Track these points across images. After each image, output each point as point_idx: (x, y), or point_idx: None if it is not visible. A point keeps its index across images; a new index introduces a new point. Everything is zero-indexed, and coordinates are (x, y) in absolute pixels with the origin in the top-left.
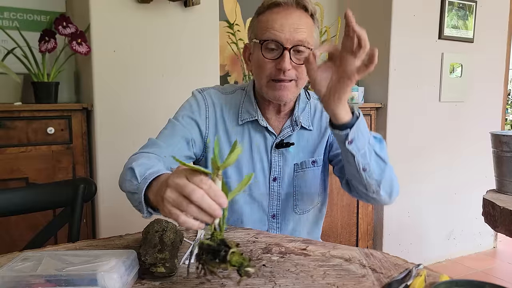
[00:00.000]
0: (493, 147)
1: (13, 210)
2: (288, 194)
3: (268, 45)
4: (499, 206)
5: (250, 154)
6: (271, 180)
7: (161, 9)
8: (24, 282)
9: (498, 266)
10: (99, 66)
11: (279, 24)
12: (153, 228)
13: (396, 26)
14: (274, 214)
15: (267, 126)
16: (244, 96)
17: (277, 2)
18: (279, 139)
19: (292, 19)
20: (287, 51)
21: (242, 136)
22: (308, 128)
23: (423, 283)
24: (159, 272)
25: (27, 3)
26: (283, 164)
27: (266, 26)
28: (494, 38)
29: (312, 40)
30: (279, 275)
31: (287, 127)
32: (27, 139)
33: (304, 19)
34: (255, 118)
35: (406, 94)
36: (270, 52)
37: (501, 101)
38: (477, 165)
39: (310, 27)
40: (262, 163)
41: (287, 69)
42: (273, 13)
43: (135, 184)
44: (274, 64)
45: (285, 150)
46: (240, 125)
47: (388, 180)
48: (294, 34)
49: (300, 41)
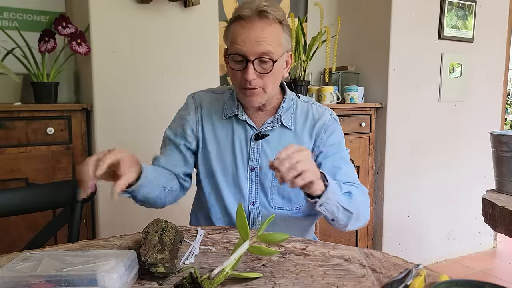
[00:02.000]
0: (492, 147)
1: (13, 210)
2: (266, 185)
3: (234, 58)
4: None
5: (232, 145)
6: (249, 169)
7: (161, 9)
8: (24, 282)
9: (497, 266)
10: (98, 66)
11: (242, 38)
12: (153, 228)
13: (396, 26)
14: (253, 202)
15: (246, 119)
16: (230, 95)
17: (240, 16)
18: (258, 131)
19: (254, 31)
20: (251, 63)
21: (227, 129)
22: (289, 128)
23: (422, 283)
24: (159, 272)
25: (27, 3)
26: (261, 156)
27: (232, 40)
28: (494, 38)
29: (277, 49)
30: (279, 275)
31: (268, 122)
32: (26, 139)
33: (267, 29)
34: (235, 113)
35: (405, 94)
36: (237, 63)
37: (500, 101)
38: (476, 165)
39: (276, 35)
40: (242, 153)
41: (251, 79)
42: (238, 26)
43: None
44: (241, 74)
45: (265, 144)
46: (224, 120)
47: (354, 221)
48: (256, 47)
49: (262, 53)
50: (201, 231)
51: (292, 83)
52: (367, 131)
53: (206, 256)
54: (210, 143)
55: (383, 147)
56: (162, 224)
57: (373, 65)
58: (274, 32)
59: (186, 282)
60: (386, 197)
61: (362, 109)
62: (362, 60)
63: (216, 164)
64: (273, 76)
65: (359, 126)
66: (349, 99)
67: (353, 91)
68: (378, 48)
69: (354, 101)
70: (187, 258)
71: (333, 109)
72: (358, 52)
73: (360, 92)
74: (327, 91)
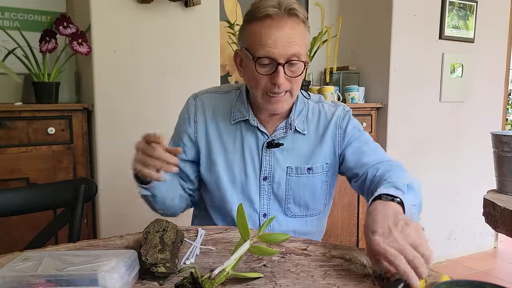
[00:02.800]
0: (493, 147)
1: (13, 210)
2: (280, 195)
3: (262, 61)
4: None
5: (241, 153)
6: (261, 179)
7: (162, 9)
8: (24, 282)
9: (498, 266)
10: (99, 66)
11: (273, 40)
12: (154, 228)
13: (397, 26)
14: (265, 213)
15: (258, 125)
16: (238, 96)
17: (268, 14)
18: (270, 139)
19: (284, 31)
20: (281, 66)
21: (235, 135)
22: (303, 132)
23: (424, 283)
24: (160, 272)
25: (28, 3)
26: (274, 164)
27: (260, 42)
28: (495, 38)
29: (305, 50)
30: (279, 275)
31: (280, 128)
32: (27, 139)
33: (297, 28)
34: (246, 117)
35: (406, 94)
36: (264, 67)
37: (501, 101)
38: (477, 165)
39: (303, 35)
40: (253, 162)
41: (281, 84)
42: (265, 26)
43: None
44: (268, 79)
45: (278, 151)
46: (232, 125)
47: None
48: (288, 48)
49: (293, 55)
50: (202, 231)
51: None
52: (368, 131)
53: (206, 256)
54: (216, 150)
55: (384, 147)
56: (163, 224)
57: (374, 65)
58: (302, 32)
59: (187, 282)
60: None
61: (363, 109)
62: (363, 60)
63: (223, 173)
64: (301, 79)
65: None
66: (350, 99)
67: (354, 91)
68: (379, 48)
69: (355, 101)
70: (188, 258)
71: None
72: (359, 52)
73: (361, 92)
74: (328, 91)
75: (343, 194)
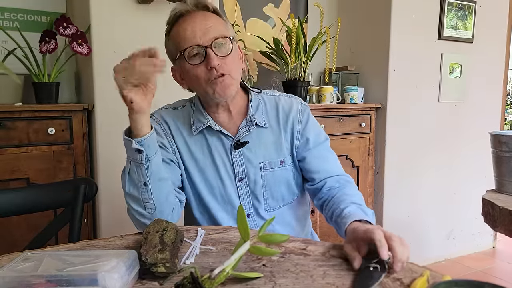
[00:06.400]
0: (492, 147)
1: (14, 210)
2: (258, 193)
3: (190, 52)
4: (498, 206)
5: (211, 159)
6: (237, 181)
7: (162, 9)
8: (25, 282)
9: (497, 266)
10: (99, 67)
11: (190, 31)
12: (154, 228)
13: (396, 27)
14: (248, 214)
15: (220, 129)
16: (193, 108)
17: (179, 13)
18: (236, 140)
19: (199, 21)
20: (209, 48)
21: (201, 144)
22: (264, 126)
23: (425, 283)
24: (160, 272)
25: (28, 4)
26: (246, 164)
27: (180, 38)
28: (494, 39)
29: (227, 30)
30: (279, 275)
31: (243, 127)
32: (27, 139)
33: (209, 17)
34: (207, 124)
35: (405, 95)
36: (195, 57)
37: (500, 101)
38: (476, 165)
39: (219, 21)
40: (225, 166)
41: (215, 64)
42: (180, 24)
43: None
44: (204, 67)
45: (246, 150)
46: (195, 135)
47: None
48: (207, 33)
49: (215, 36)
50: (202, 231)
51: (293, 83)
52: (367, 131)
53: (206, 256)
54: (188, 162)
55: (383, 147)
56: (163, 224)
57: (373, 65)
58: (217, 20)
59: (187, 282)
60: (386, 197)
61: (362, 109)
62: (362, 61)
63: (200, 183)
64: (234, 59)
65: (359, 126)
66: (349, 99)
67: (353, 92)
68: (378, 48)
69: (354, 102)
70: (188, 258)
71: (333, 110)
72: (358, 53)
73: (360, 93)
74: (327, 92)
75: None
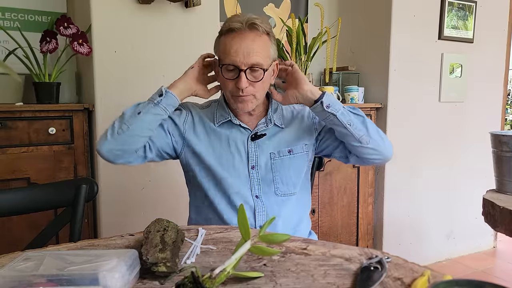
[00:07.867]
0: (493, 147)
1: (14, 210)
2: (268, 179)
3: (227, 67)
4: (499, 206)
5: (228, 149)
6: (250, 168)
7: (162, 9)
8: (25, 282)
9: (498, 265)
10: (100, 67)
11: (234, 50)
12: (155, 228)
13: (396, 27)
14: (257, 195)
15: (240, 123)
16: (217, 105)
17: (231, 28)
18: (254, 132)
19: (245, 43)
20: (243, 72)
21: (220, 134)
22: (281, 126)
23: (426, 283)
24: (161, 271)
25: (29, 3)
26: (259, 154)
27: (224, 51)
28: (494, 39)
29: (267, 59)
30: (279, 275)
31: (261, 123)
32: (28, 139)
33: (257, 41)
34: (228, 118)
35: (406, 95)
36: (229, 72)
37: (500, 101)
38: (477, 165)
39: (265, 45)
40: (240, 154)
41: (244, 87)
42: (229, 38)
43: (138, 104)
44: (234, 83)
45: (261, 142)
46: (217, 127)
47: (372, 127)
48: (248, 58)
49: (253, 64)
50: (203, 231)
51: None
52: None
53: (207, 256)
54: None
55: None
56: (164, 223)
57: (374, 65)
58: (264, 43)
59: (188, 282)
60: (386, 197)
61: (362, 109)
62: (362, 61)
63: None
64: (263, 84)
65: None
66: (350, 99)
67: (353, 92)
68: (378, 48)
69: (355, 101)
70: (189, 257)
71: None
72: (359, 53)
73: (361, 93)
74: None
75: (343, 194)
